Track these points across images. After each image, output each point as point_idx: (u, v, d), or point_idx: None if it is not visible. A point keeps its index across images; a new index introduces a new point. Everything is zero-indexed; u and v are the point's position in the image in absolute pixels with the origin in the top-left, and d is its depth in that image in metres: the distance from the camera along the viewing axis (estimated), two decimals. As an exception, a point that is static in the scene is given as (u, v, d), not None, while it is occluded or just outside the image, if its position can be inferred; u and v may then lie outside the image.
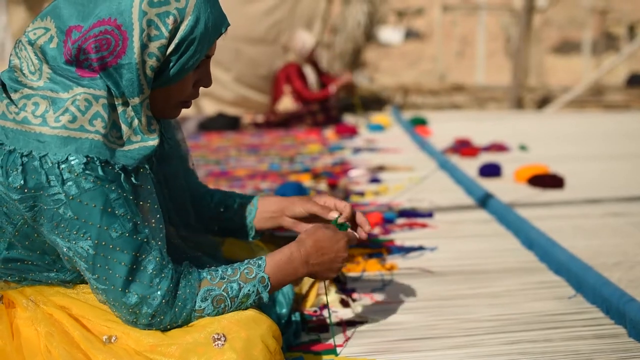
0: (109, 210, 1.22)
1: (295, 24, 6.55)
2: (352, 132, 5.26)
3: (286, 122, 5.82)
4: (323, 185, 3.34)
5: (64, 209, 1.21)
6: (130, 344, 1.28)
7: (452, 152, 4.33)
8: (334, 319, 1.74)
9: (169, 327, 1.31)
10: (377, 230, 2.54)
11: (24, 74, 1.26)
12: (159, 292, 1.27)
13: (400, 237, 2.48)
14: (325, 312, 1.77)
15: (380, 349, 1.60)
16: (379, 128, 5.57)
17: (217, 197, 1.68)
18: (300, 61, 5.95)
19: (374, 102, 8.27)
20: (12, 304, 1.34)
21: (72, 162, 1.20)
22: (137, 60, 1.24)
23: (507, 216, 2.66)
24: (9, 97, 1.24)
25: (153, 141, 1.31)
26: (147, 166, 1.30)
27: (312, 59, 6.08)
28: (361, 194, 3.17)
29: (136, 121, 1.29)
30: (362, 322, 1.73)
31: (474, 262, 2.21)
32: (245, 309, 1.35)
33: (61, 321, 1.30)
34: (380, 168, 3.78)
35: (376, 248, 2.32)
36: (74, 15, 1.25)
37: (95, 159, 1.21)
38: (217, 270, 1.35)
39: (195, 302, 1.31)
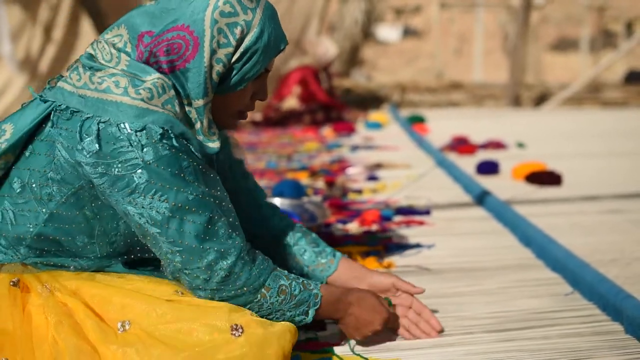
0: (182, 175, 1.30)
1: (293, 22, 6.55)
2: (349, 129, 5.26)
3: (285, 120, 5.82)
4: (320, 183, 3.34)
5: (140, 174, 1.28)
6: (146, 325, 1.29)
7: (450, 149, 4.33)
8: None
9: (239, 292, 1.36)
10: (374, 228, 2.54)
11: (100, 62, 1.35)
12: (233, 249, 1.34)
13: (398, 234, 2.47)
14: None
15: (377, 347, 1.60)
16: (376, 126, 5.57)
17: (277, 228, 1.73)
18: (317, 67, 5.97)
19: (372, 100, 8.27)
20: (27, 289, 1.36)
21: (150, 130, 1.28)
22: (206, 63, 1.33)
23: (504, 213, 2.66)
24: (92, 72, 1.33)
25: (213, 143, 1.40)
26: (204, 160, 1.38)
27: (327, 69, 6.12)
28: (359, 191, 3.17)
29: (198, 124, 1.38)
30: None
31: (471, 260, 2.21)
32: (288, 320, 1.41)
33: (75, 310, 1.32)
34: (378, 166, 3.78)
35: (373, 246, 2.31)
36: (146, 23, 1.35)
37: (170, 131, 1.30)
38: (283, 270, 1.46)
39: (268, 277, 1.40)
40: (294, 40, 6.65)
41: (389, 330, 1.59)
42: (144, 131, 1.28)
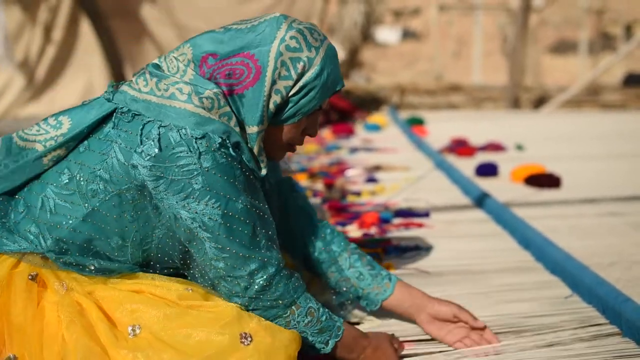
0: (236, 184, 1.35)
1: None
2: (348, 131, 5.26)
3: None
4: (319, 185, 3.33)
5: (196, 180, 1.32)
6: (156, 330, 1.30)
7: (449, 151, 4.33)
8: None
9: (273, 304, 1.39)
10: (373, 231, 2.54)
11: (166, 72, 1.40)
12: (275, 260, 1.39)
13: (397, 236, 2.47)
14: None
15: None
16: (375, 128, 5.57)
17: (335, 245, 1.73)
18: None
19: (371, 102, 8.27)
20: (44, 284, 1.37)
21: (210, 138, 1.33)
22: (265, 92, 1.38)
23: (503, 216, 2.66)
24: (159, 79, 1.38)
25: (260, 170, 1.46)
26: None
27: None
28: (357, 193, 3.17)
29: (250, 150, 1.42)
30: (357, 323, 1.73)
31: (470, 262, 2.21)
32: (309, 346, 1.43)
33: (89, 311, 1.32)
34: (377, 168, 3.78)
35: (372, 248, 2.31)
36: (211, 45, 1.40)
37: (228, 141, 1.35)
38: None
39: (301, 296, 1.43)
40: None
41: None
42: (204, 139, 1.32)
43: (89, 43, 7.28)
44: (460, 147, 4.39)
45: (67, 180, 1.39)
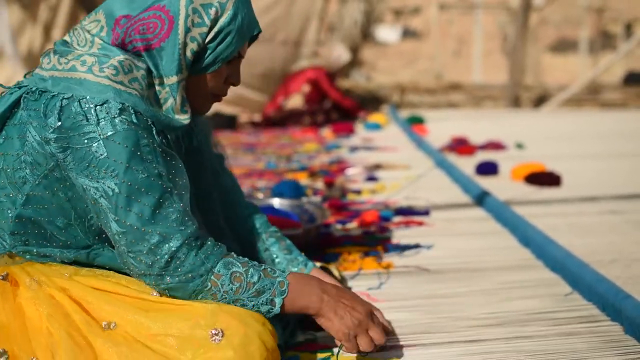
0: (138, 153, 1.30)
1: (292, 23, 6.55)
2: (349, 130, 5.26)
3: (284, 120, 5.83)
4: (320, 184, 3.33)
5: (97, 147, 1.29)
6: (129, 330, 1.29)
7: (449, 150, 4.33)
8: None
9: (183, 278, 1.32)
10: (373, 229, 2.54)
11: (73, 46, 1.39)
12: (179, 234, 1.32)
13: (397, 235, 2.47)
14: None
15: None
16: (376, 127, 5.57)
17: (252, 231, 1.73)
18: (328, 70, 6.02)
19: (371, 101, 8.27)
20: (16, 283, 1.36)
21: (110, 105, 1.30)
22: (180, 41, 1.37)
23: (503, 214, 2.66)
24: (61, 55, 1.37)
25: (184, 117, 1.42)
26: (171, 136, 1.40)
27: (335, 73, 6.16)
28: (358, 192, 3.17)
29: (170, 101, 1.41)
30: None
31: (471, 260, 2.21)
32: (256, 309, 1.35)
33: (62, 303, 1.32)
34: (377, 166, 3.78)
35: (373, 246, 2.31)
36: (123, 6, 1.38)
37: (130, 107, 1.32)
38: (243, 257, 1.41)
39: (217, 264, 1.35)
40: (293, 41, 6.65)
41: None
42: (104, 105, 1.30)
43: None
44: (461, 145, 4.39)
45: None
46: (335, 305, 1.40)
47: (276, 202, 2.50)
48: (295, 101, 6.05)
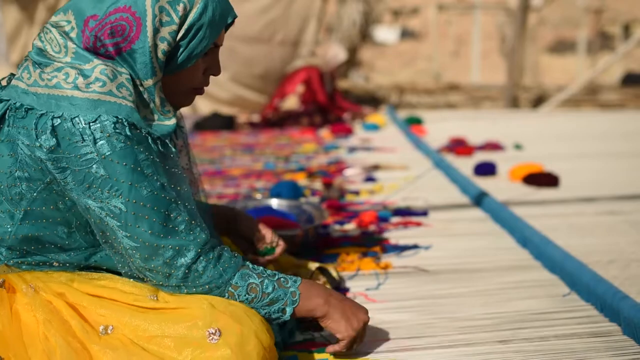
0: (139, 169, 1.29)
1: (291, 23, 6.55)
2: (347, 131, 5.26)
3: (283, 121, 5.82)
4: (318, 184, 3.33)
5: (96, 168, 1.27)
6: (127, 333, 1.29)
7: (447, 151, 4.33)
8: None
9: (201, 290, 1.35)
10: (371, 229, 2.54)
11: (50, 54, 1.33)
12: (192, 245, 1.33)
13: (395, 235, 2.47)
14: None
15: (374, 347, 1.59)
16: (374, 127, 5.57)
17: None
18: (324, 70, 6.01)
19: (370, 101, 8.28)
20: (13, 289, 1.35)
21: (104, 122, 1.27)
22: (150, 43, 1.32)
23: (501, 214, 2.66)
24: (41, 69, 1.32)
25: (169, 121, 1.39)
26: (168, 141, 1.38)
27: (333, 73, 6.15)
28: (356, 192, 3.17)
29: (151, 103, 1.37)
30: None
31: (469, 261, 2.21)
32: (266, 318, 1.38)
33: (59, 309, 1.31)
34: (375, 167, 3.78)
35: (371, 247, 2.31)
36: (91, 6, 1.32)
37: (124, 120, 1.28)
38: (257, 266, 1.42)
39: (235, 275, 1.37)
40: (292, 41, 6.65)
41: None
42: (97, 123, 1.26)
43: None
44: (459, 146, 4.39)
45: None
46: (341, 308, 1.46)
47: (274, 203, 2.50)
48: (291, 102, 6.05)
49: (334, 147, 4.56)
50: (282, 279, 1.42)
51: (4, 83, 1.39)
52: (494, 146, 4.43)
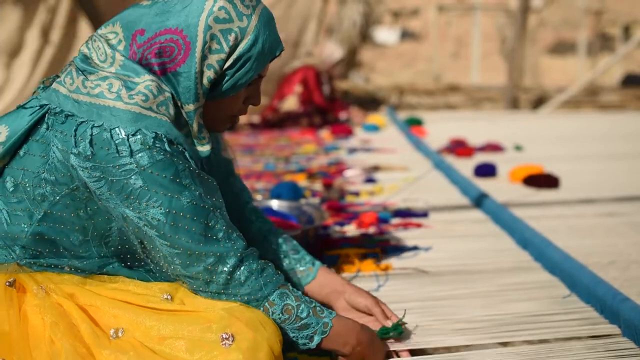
0: (178, 180, 1.30)
1: (291, 24, 6.55)
2: (347, 132, 5.26)
3: (283, 122, 5.82)
4: (318, 185, 3.33)
5: (135, 179, 1.28)
6: (138, 335, 1.29)
7: (448, 152, 4.33)
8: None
9: (239, 299, 1.36)
10: (372, 231, 2.54)
11: (95, 62, 1.34)
12: (232, 252, 1.35)
13: (395, 236, 2.47)
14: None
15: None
16: (374, 128, 5.57)
17: (259, 232, 1.73)
18: (321, 69, 6.00)
19: (370, 102, 8.28)
20: (23, 289, 1.35)
21: (144, 135, 1.28)
22: (196, 69, 1.33)
23: (502, 216, 2.66)
24: (85, 76, 1.33)
25: (203, 147, 1.41)
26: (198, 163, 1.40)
27: (331, 72, 6.14)
28: (356, 193, 3.17)
29: (190, 127, 1.39)
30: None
31: (469, 262, 2.21)
32: (293, 340, 1.40)
33: (70, 312, 1.31)
34: (376, 168, 3.78)
35: (371, 248, 2.31)
36: (141, 22, 1.34)
37: (163, 136, 1.30)
38: (297, 290, 1.44)
39: (274, 292, 1.39)
40: (292, 42, 6.65)
41: None
42: (138, 136, 1.28)
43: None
44: (459, 147, 4.39)
45: (13, 189, 1.36)
46: (361, 355, 1.46)
47: (274, 204, 2.50)
48: (290, 103, 6.04)
49: (334, 148, 4.56)
50: (318, 307, 1.43)
51: (47, 83, 1.40)
52: (494, 147, 4.43)
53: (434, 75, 13.44)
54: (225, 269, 1.34)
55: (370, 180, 3.48)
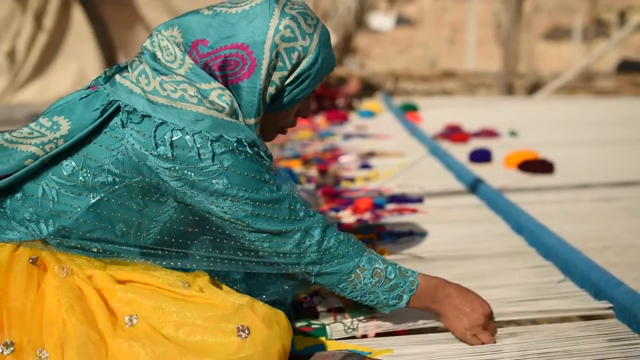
0: (258, 177, 1.35)
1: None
2: (342, 118, 5.25)
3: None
4: (313, 171, 3.33)
5: (218, 179, 1.32)
6: (153, 321, 1.29)
7: (443, 138, 4.33)
8: (324, 307, 1.73)
9: (332, 270, 1.43)
10: (367, 216, 2.54)
11: (163, 62, 1.35)
12: (316, 224, 1.41)
13: (390, 222, 2.47)
14: (315, 299, 1.77)
15: (372, 339, 1.60)
16: (369, 114, 5.56)
17: None
18: None
19: (365, 89, 8.25)
20: (45, 268, 1.35)
21: (227, 140, 1.32)
22: (261, 85, 1.36)
23: (497, 201, 2.67)
24: (161, 77, 1.34)
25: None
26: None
27: None
28: (351, 179, 3.17)
29: None
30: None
31: (464, 247, 2.21)
32: (382, 303, 1.48)
33: (89, 296, 1.31)
34: (371, 154, 3.78)
35: (366, 234, 2.31)
36: (201, 30, 1.36)
37: (244, 140, 1.34)
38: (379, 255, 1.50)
39: (363, 258, 1.46)
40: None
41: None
42: (220, 141, 1.31)
43: (81, 30, 7.23)
44: (454, 133, 4.39)
45: (70, 173, 1.35)
46: (456, 307, 1.51)
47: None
48: None
49: (329, 134, 4.55)
50: (402, 268, 1.50)
51: (109, 73, 1.39)
52: (489, 133, 4.43)
53: (429, 61, 13.41)
54: (314, 241, 1.40)
55: (365, 166, 3.47)
